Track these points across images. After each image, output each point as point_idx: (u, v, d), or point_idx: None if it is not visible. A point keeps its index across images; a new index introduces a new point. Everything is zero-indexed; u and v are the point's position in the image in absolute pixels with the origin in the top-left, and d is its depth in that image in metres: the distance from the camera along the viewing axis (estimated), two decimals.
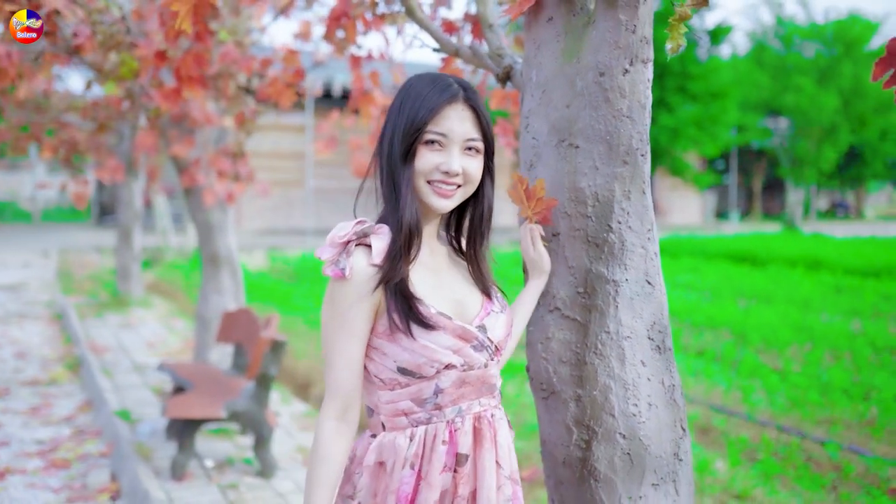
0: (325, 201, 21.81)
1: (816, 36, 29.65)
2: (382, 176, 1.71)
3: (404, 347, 1.62)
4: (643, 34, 1.85)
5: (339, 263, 1.61)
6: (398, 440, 1.66)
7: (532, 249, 1.97)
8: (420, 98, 1.65)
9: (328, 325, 1.63)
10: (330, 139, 5.34)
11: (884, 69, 1.40)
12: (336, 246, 1.63)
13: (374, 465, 1.68)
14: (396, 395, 1.66)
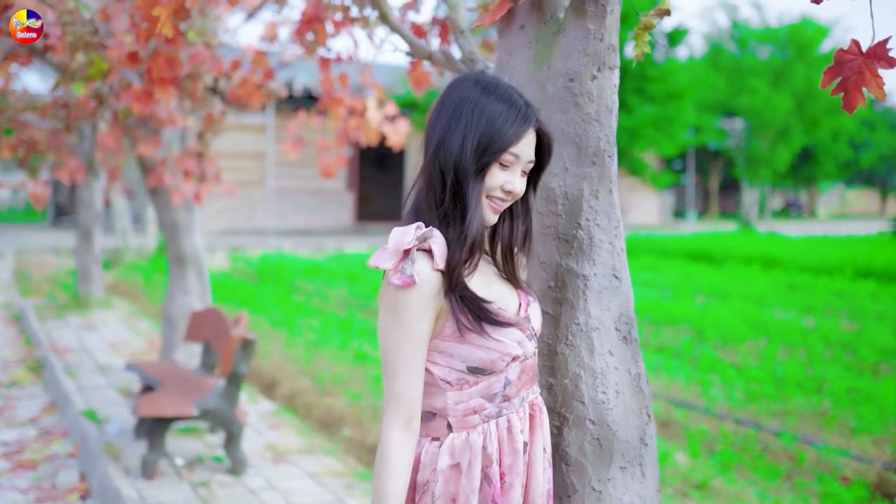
0: (286, 201, 21.74)
1: (770, 39, 30.25)
2: (442, 184, 1.66)
3: (478, 346, 1.64)
4: (610, 42, 1.96)
5: (405, 271, 1.58)
6: (472, 439, 1.68)
7: None
8: (499, 119, 1.64)
9: (391, 335, 1.61)
10: (297, 140, 5.39)
11: (831, 77, 1.52)
12: (398, 253, 1.60)
13: (447, 468, 1.68)
14: (466, 395, 1.67)
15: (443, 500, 1.67)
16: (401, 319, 1.60)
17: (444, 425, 1.69)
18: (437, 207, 1.67)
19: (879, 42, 1.49)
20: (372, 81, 4.52)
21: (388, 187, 26.05)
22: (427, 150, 1.69)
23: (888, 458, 4.92)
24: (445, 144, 1.65)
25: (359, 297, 11.35)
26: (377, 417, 5.64)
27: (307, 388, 6.44)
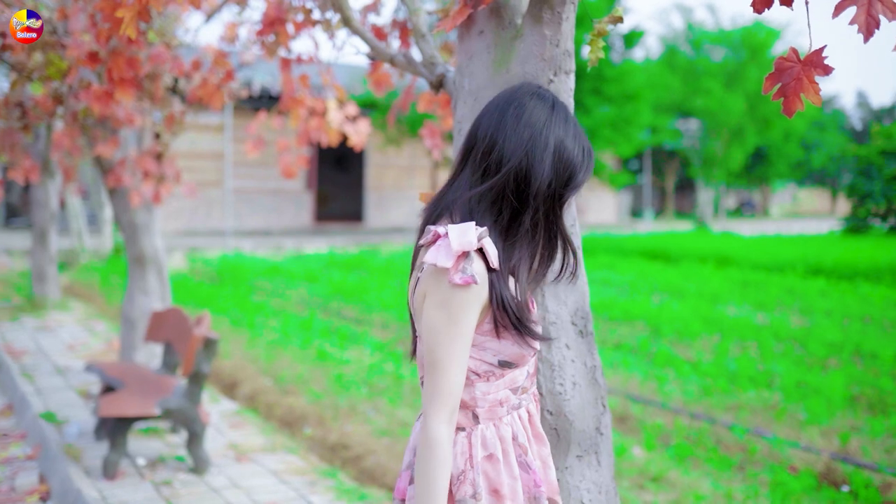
0: (244, 202, 21.61)
1: (724, 41, 30.76)
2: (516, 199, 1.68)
3: (514, 341, 1.69)
4: (566, 48, 2.04)
5: (466, 270, 1.59)
6: (502, 430, 1.73)
7: None
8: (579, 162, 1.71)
9: (444, 332, 1.61)
10: (258, 140, 5.41)
11: (773, 83, 1.62)
12: (459, 252, 1.59)
13: (483, 459, 1.71)
14: (494, 387, 1.71)
15: (485, 491, 1.71)
16: (455, 317, 1.60)
17: (470, 416, 1.72)
18: (496, 214, 1.68)
19: (815, 50, 1.58)
20: (333, 82, 4.56)
21: (347, 187, 26.01)
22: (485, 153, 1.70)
23: (835, 448, 5.09)
24: (532, 167, 1.67)
25: (319, 297, 11.36)
26: (339, 416, 5.69)
27: (268, 388, 6.46)
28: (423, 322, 1.65)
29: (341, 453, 5.08)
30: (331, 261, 16.17)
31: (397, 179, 24.62)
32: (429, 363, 1.63)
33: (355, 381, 6.59)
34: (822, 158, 41.36)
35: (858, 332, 8.64)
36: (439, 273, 1.61)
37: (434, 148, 3.87)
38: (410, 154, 23.84)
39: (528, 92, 1.73)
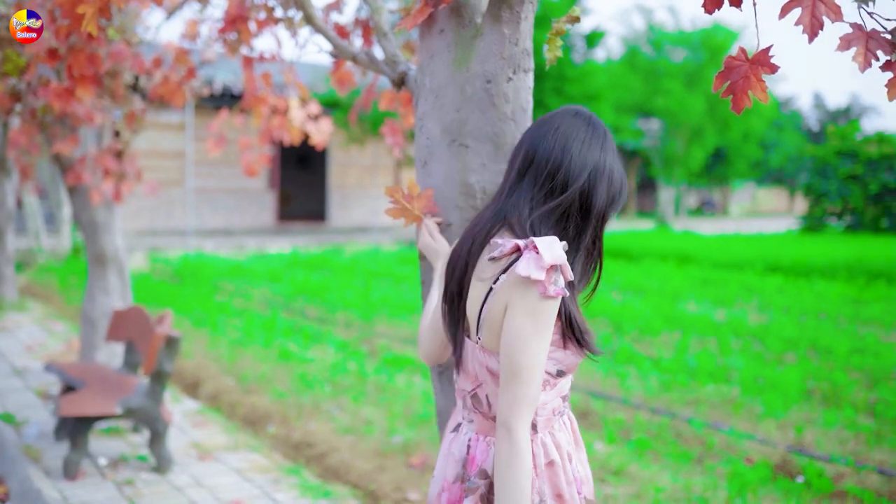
0: (205, 201, 21.43)
1: (684, 42, 31.14)
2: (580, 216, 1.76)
3: (573, 352, 1.76)
4: (525, 47, 2.08)
5: (557, 283, 1.63)
6: (557, 436, 1.81)
7: (433, 241, 2.13)
8: (622, 184, 1.81)
9: (532, 342, 1.63)
10: (219, 138, 5.38)
11: (722, 81, 1.67)
12: (549, 266, 1.62)
13: (545, 466, 1.77)
14: (550, 395, 1.78)
15: (550, 497, 1.77)
16: (542, 327, 1.64)
17: (530, 426, 1.74)
18: (561, 232, 1.75)
19: (763, 50, 1.64)
20: (295, 80, 4.57)
21: (310, 187, 25.91)
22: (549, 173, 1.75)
23: (791, 440, 5.22)
24: (596, 186, 1.76)
25: (282, 297, 11.32)
26: (302, 415, 5.69)
27: (231, 387, 6.44)
28: (506, 332, 1.65)
29: (305, 451, 5.09)
30: (294, 260, 16.11)
31: (360, 178, 24.58)
32: (512, 372, 1.64)
33: (319, 379, 6.60)
34: (780, 158, 42.04)
35: (814, 328, 8.83)
36: (528, 284, 1.63)
37: (395, 146, 3.90)
38: (373, 153, 23.82)
39: (581, 113, 1.80)
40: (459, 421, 1.86)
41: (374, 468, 4.72)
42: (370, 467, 4.73)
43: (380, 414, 5.72)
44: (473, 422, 1.82)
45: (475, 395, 1.80)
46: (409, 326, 9.16)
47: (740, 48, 1.65)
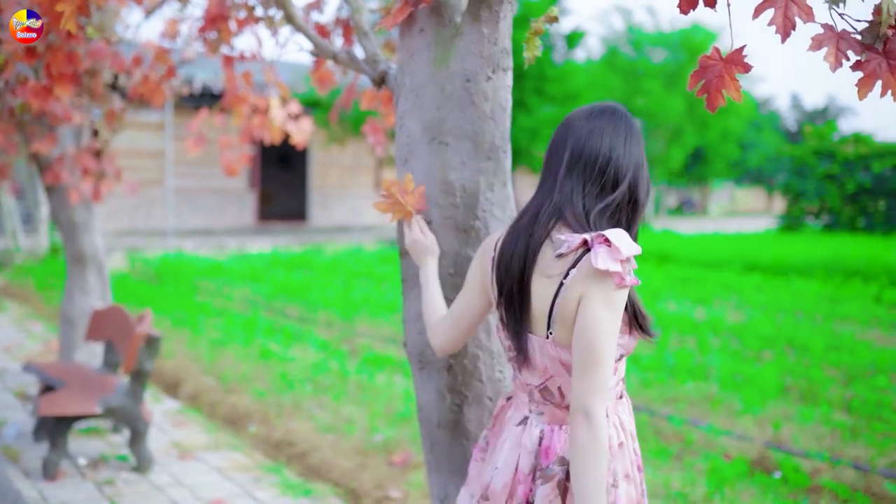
0: (185, 201, 21.31)
1: (663, 43, 31.30)
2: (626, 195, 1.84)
3: (634, 337, 1.84)
4: (504, 46, 2.11)
5: (631, 273, 1.71)
6: (623, 418, 1.87)
7: (424, 238, 2.14)
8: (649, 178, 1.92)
9: (609, 331, 1.69)
10: (199, 137, 5.37)
11: (696, 80, 1.70)
12: (624, 258, 1.69)
13: (616, 447, 1.83)
14: (614, 380, 1.84)
15: (620, 476, 1.82)
16: (616, 315, 1.70)
17: None
18: (615, 224, 1.82)
19: (736, 49, 1.68)
20: (276, 80, 4.57)
21: (291, 186, 25.83)
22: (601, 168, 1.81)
23: (768, 436, 5.28)
24: (640, 180, 1.86)
25: (262, 296, 11.29)
26: (283, 414, 5.69)
27: (212, 387, 6.43)
28: (584, 322, 1.69)
29: (286, 450, 5.10)
30: (274, 260, 16.07)
31: (341, 178, 24.53)
32: (591, 360, 1.68)
33: (300, 378, 6.59)
34: (759, 158, 42.35)
35: (791, 326, 8.93)
36: (605, 276, 1.69)
37: (377, 145, 3.91)
38: (354, 152, 23.78)
39: (619, 111, 1.87)
40: (526, 414, 1.87)
41: (355, 466, 4.73)
42: (351, 466, 4.74)
43: (361, 413, 5.73)
44: (544, 414, 1.85)
45: (545, 387, 1.83)
46: (390, 326, 9.16)
47: (714, 48, 1.68)
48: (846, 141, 24.57)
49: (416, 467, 4.70)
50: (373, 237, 21.67)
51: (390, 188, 2.15)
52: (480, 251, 1.95)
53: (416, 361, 2.24)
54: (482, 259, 1.93)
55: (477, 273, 1.94)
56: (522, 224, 1.82)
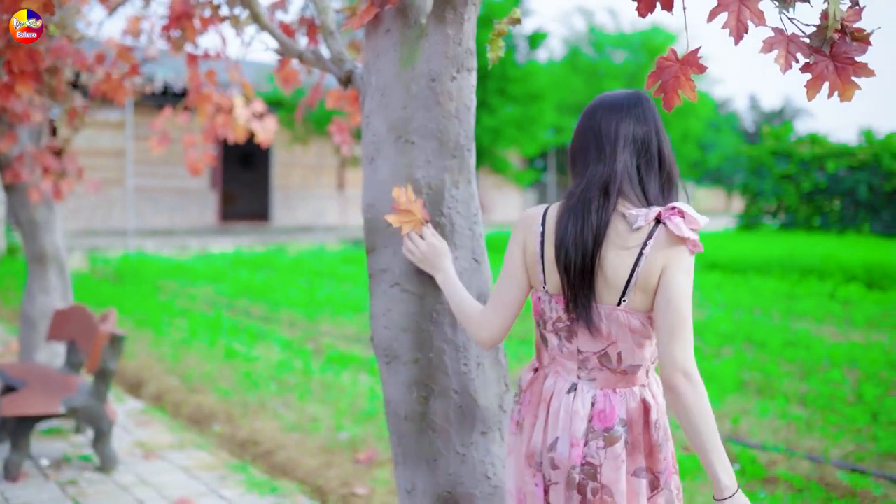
0: (146, 200, 21.08)
1: (624, 44, 31.63)
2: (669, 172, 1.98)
3: None
4: (468, 47, 2.16)
5: (699, 241, 1.85)
6: (660, 384, 1.98)
7: (439, 242, 2.18)
8: None
9: (689, 294, 1.82)
10: (163, 136, 5.35)
11: (654, 80, 1.77)
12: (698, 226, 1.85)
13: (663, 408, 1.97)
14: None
15: (668, 434, 1.96)
16: (691, 279, 1.84)
17: (645, 373, 1.94)
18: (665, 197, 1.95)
19: (691, 51, 1.74)
20: (241, 78, 4.58)
21: (253, 186, 25.67)
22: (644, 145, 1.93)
23: (727, 430, 5.39)
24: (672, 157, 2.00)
25: (226, 296, 11.24)
26: (248, 413, 5.69)
27: (175, 387, 6.40)
28: (669, 289, 1.81)
29: (251, 449, 5.10)
30: (237, 260, 15.98)
31: (304, 178, 24.43)
32: (680, 323, 1.79)
33: (264, 377, 6.59)
34: (718, 158, 42.93)
35: (749, 323, 9.10)
36: (682, 243, 1.83)
37: (343, 144, 3.94)
38: (317, 152, 23.69)
39: (647, 96, 1.98)
40: (574, 381, 1.94)
41: (321, 464, 4.75)
42: (317, 464, 4.76)
43: (326, 411, 5.75)
44: (596, 379, 1.92)
45: (605, 353, 1.90)
46: (353, 325, 9.18)
47: (671, 49, 1.75)
48: (802, 141, 25.01)
49: (382, 464, 4.74)
50: (336, 237, 21.62)
51: (401, 196, 2.17)
52: (518, 230, 2.00)
53: (382, 356, 2.28)
54: (524, 238, 1.98)
55: (518, 253, 1.99)
56: (582, 201, 1.90)
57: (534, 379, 2.02)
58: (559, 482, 1.89)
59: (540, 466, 1.93)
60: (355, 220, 25.41)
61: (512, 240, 2.00)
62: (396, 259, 2.24)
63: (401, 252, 2.23)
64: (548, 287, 1.95)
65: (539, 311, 1.99)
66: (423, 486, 2.22)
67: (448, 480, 2.19)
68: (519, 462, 1.99)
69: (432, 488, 2.20)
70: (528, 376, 2.04)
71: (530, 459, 1.95)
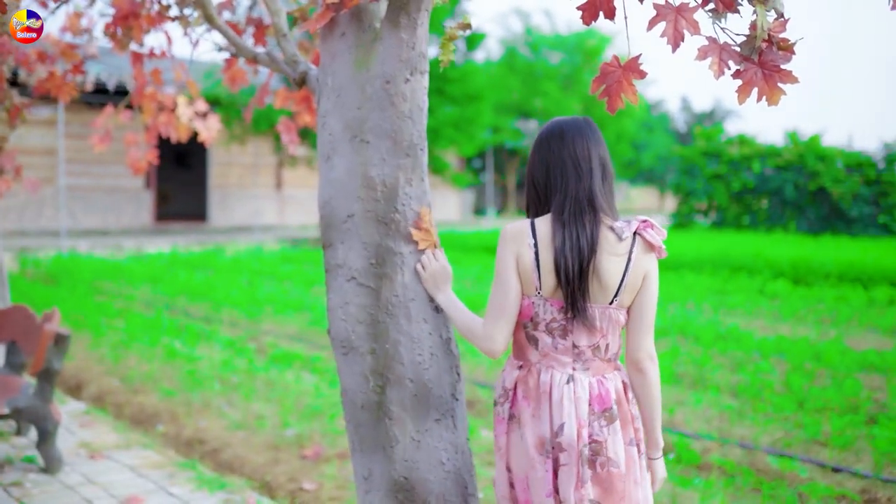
0: (78, 200, 20.64)
1: (560, 46, 32.11)
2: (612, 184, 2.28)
3: None
4: (421, 50, 2.25)
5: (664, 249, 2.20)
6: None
7: (447, 265, 2.35)
8: None
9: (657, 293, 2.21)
10: (106, 134, 5.31)
11: (598, 85, 1.89)
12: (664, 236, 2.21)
13: None
14: None
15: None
16: None
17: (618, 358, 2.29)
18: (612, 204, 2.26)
19: (633, 58, 1.87)
20: (186, 77, 4.59)
21: (189, 186, 25.32)
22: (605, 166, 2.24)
23: (663, 421, 5.59)
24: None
25: (165, 297, 11.12)
26: (192, 412, 5.69)
27: (117, 388, 6.35)
28: (649, 290, 2.20)
29: (197, 448, 5.11)
30: (175, 260, 15.78)
31: (241, 177, 24.20)
32: (651, 318, 2.21)
33: (207, 377, 6.58)
34: (651, 158, 43.81)
35: (683, 318, 9.39)
36: (653, 251, 2.19)
37: (291, 143, 3.99)
38: (255, 151, 23.49)
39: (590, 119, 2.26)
40: (570, 373, 2.18)
41: (268, 461, 4.79)
42: (264, 460, 4.80)
43: (271, 409, 5.78)
44: (589, 369, 2.20)
45: (597, 346, 2.20)
46: (295, 324, 9.19)
47: (614, 56, 1.87)
48: (731, 142, 25.71)
49: (329, 460, 4.80)
50: (274, 237, 21.48)
51: (425, 217, 2.32)
52: (510, 243, 2.19)
53: (339, 347, 2.36)
54: (516, 248, 2.18)
55: (512, 264, 2.17)
56: (573, 215, 2.15)
57: (523, 376, 2.23)
58: (568, 462, 2.13)
59: (549, 452, 2.15)
60: (293, 219, 25.26)
61: (503, 252, 2.19)
62: (352, 254, 2.32)
63: (356, 247, 2.32)
64: (542, 292, 2.16)
65: (531, 315, 2.19)
66: (379, 471, 2.31)
67: (404, 466, 2.28)
68: (527, 453, 2.18)
69: (389, 474, 2.30)
70: (514, 375, 2.24)
71: (540, 448, 2.17)
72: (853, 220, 22.59)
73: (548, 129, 2.23)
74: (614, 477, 2.14)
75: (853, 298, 11.23)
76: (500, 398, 2.26)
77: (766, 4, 1.84)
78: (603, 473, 2.14)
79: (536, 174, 2.23)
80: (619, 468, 2.15)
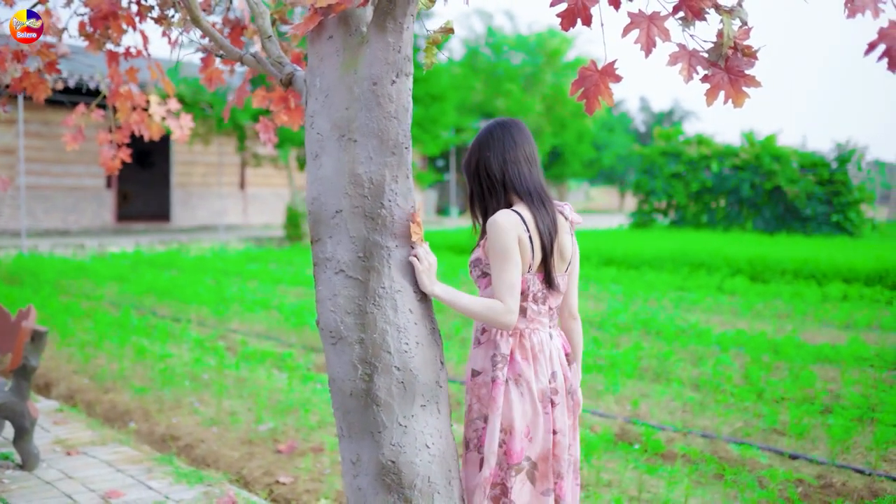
0: (38, 200, 20.36)
1: (522, 46, 32.36)
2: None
3: None
4: (406, 53, 2.36)
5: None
6: None
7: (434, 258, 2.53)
8: None
9: None
10: (77, 133, 5.33)
11: (577, 88, 2.02)
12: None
13: None
14: None
15: None
16: None
17: None
18: None
19: (610, 63, 2.00)
20: (161, 77, 4.64)
21: (152, 185, 25.11)
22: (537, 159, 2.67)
23: (628, 412, 5.77)
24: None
25: (131, 296, 11.08)
26: (164, 409, 5.73)
27: (87, 386, 6.37)
28: (577, 257, 2.72)
29: (171, 444, 5.16)
30: (139, 259, 15.68)
31: (205, 176, 24.05)
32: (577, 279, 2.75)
33: (179, 374, 6.61)
34: (611, 158, 44.32)
35: (645, 314, 9.60)
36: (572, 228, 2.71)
37: (269, 142, 4.08)
38: (218, 150, 23.37)
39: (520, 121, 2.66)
40: (549, 331, 2.64)
41: (243, 455, 4.86)
42: (238, 455, 4.87)
43: (243, 405, 5.84)
44: (554, 326, 2.69)
45: (558, 306, 2.69)
46: (263, 322, 9.24)
47: (591, 61, 2.00)
48: (690, 142, 26.15)
49: (303, 454, 4.88)
50: (238, 236, 21.40)
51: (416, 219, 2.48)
52: (511, 230, 2.48)
53: (328, 337, 2.46)
54: (517, 233, 2.49)
55: (516, 245, 2.49)
56: (542, 202, 2.57)
57: (518, 342, 2.58)
58: (561, 402, 2.59)
59: (548, 397, 2.57)
60: (257, 219, 25.16)
61: (509, 238, 2.48)
62: (340, 248, 2.42)
63: (344, 241, 2.42)
64: (532, 268, 2.55)
65: (524, 289, 2.56)
66: (367, 456, 2.42)
67: (392, 451, 2.39)
68: (533, 404, 2.54)
69: (377, 458, 2.40)
70: (509, 343, 2.57)
71: (542, 396, 2.56)
72: (807, 218, 23.12)
73: (496, 128, 2.60)
74: (578, 404, 2.72)
75: (808, 294, 11.56)
76: (498, 364, 2.53)
77: (731, 14, 1.98)
78: (575, 400, 2.71)
79: (492, 170, 2.58)
80: (578, 395, 2.72)
